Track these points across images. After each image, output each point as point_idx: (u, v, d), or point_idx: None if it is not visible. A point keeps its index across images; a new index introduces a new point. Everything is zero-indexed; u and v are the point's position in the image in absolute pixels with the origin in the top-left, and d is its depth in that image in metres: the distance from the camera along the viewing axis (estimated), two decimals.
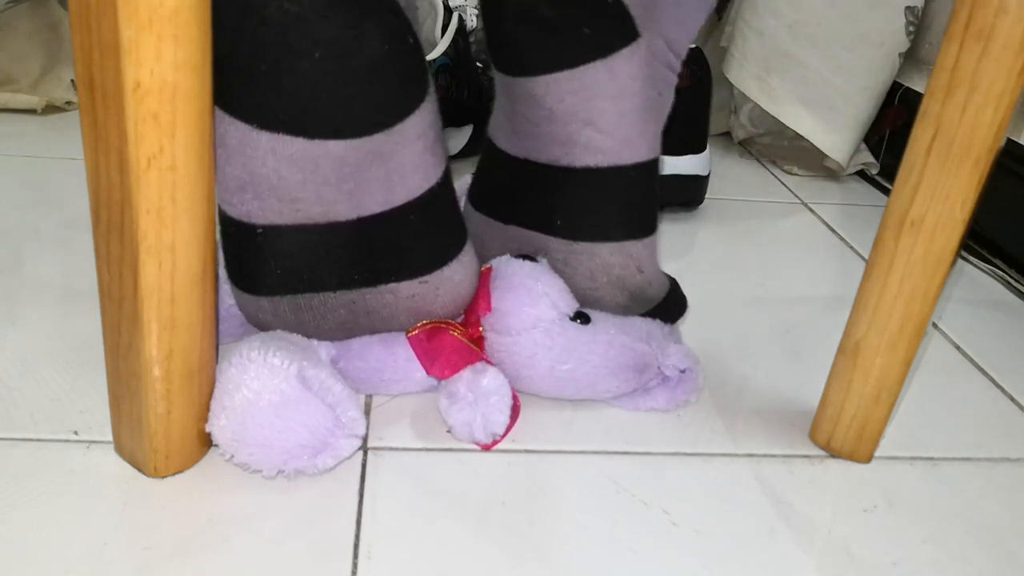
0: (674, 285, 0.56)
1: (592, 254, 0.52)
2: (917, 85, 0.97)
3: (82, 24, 0.34)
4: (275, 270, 0.46)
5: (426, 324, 0.49)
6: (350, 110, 0.42)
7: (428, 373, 0.48)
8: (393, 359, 0.49)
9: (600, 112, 0.49)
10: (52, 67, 0.94)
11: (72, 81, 0.95)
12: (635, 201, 0.52)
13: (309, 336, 0.48)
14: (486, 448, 0.47)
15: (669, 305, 0.55)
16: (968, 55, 0.40)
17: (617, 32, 0.49)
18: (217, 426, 0.42)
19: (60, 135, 0.87)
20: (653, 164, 0.52)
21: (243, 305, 0.48)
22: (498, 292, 0.49)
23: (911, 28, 0.90)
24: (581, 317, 0.50)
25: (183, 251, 0.38)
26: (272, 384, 0.42)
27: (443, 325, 0.49)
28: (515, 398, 0.49)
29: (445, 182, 0.48)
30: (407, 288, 0.47)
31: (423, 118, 0.45)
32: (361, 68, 0.42)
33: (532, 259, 0.51)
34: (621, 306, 0.53)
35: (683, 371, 0.51)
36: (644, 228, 0.52)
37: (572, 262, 0.52)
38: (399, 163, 0.45)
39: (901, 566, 0.42)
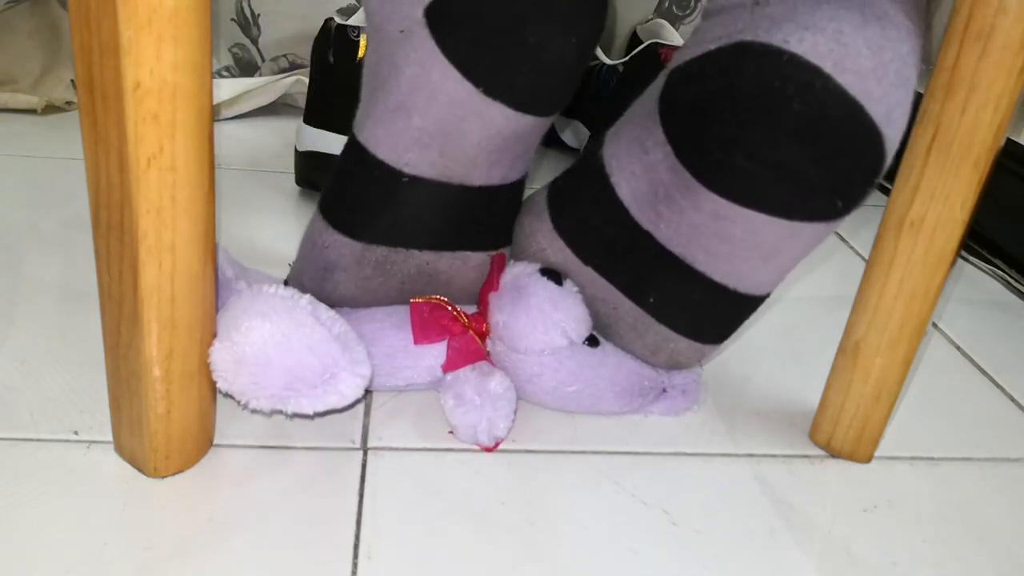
0: None
1: (668, 339, 0.49)
2: (917, 85, 0.97)
3: (82, 24, 0.34)
4: (392, 219, 0.48)
5: (432, 298, 0.49)
6: (559, 93, 0.45)
7: (416, 342, 0.48)
8: (404, 345, 0.49)
9: (779, 255, 0.45)
10: (52, 67, 0.94)
11: (72, 81, 0.95)
12: (744, 320, 0.49)
13: (359, 297, 0.50)
14: (488, 450, 0.47)
15: None
16: (968, 55, 0.40)
17: (860, 201, 0.42)
18: (217, 350, 0.41)
19: (60, 135, 0.87)
20: (769, 294, 0.49)
21: (328, 245, 0.49)
22: (514, 307, 0.48)
23: None
24: (590, 339, 0.49)
25: (183, 251, 0.38)
26: (281, 309, 0.42)
27: (448, 306, 0.49)
28: None
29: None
30: (476, 258, 0.50)
31: None
32: (585, 59, 0.44)
33: (557, 277, 0.49)
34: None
35: (685, 385, 0.52)
36: (726, 336, 0.50)
37: (641, 330, 0.50)
38: (528, 145, 0.48)
39: (901, 566, 0.42)
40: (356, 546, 0.40)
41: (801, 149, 0.40)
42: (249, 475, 0.43)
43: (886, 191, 0.52)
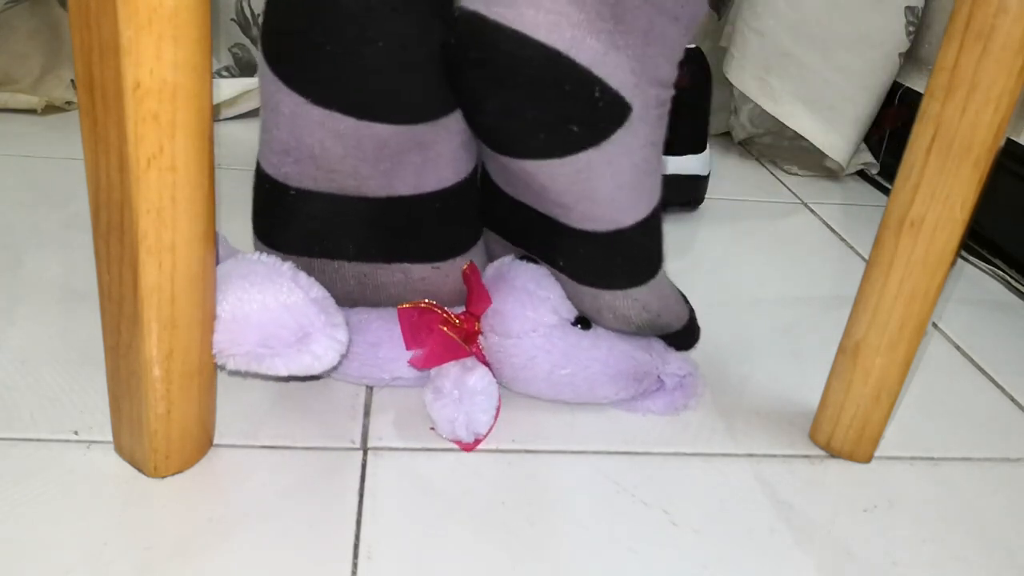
0: (691, 316, 0.55)
1: (596, 296, 0.49)
2: (917, 85, 0.97)
3: (82, 24, 0.34)
4: (299, 230, 0.48)
5: (421, 303, 0.49)
6: (402, 99, 0.44)
7: (407, 348, 0.48)
8: (390, 335, 0.49)
9: (595, 189, 0.45)
10: (52, 67, 0.94)
11: (72, 81, 0.95)
12: (637, 255, 0.49)
13: None
14: (466, 448, 0.47)
15: (683, 336, 0.54)
16: (968, 55, 0.40)
17: (609, 118, 0.43)
18: None
19: (60, 135, 0.87)
20: (653, 217, 0.49)
21: (260, 252, 0.49)
22: (500, 294, 0.48)
23: (911, 28, 0.90)
24: (582, 322, 0.50)
25: (183, 251, 0.38)
26: (262, 272, 0.42)
27: (437, 310, 0.49)
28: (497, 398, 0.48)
29: (472, 179, 0.50)
30: (419, 270, 0.49)
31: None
32: (419, 62, 0.43)
33: (534, 261, 0.50)
34: (630, 332, 0.52)
35: (682, 378, 0.52)
36: (648, 273, 0.50)
37: (577, 296, 0.50)
38: (436, 153, 0.47)
39: (901, 566, 0.42)
40: (356, 546, 0.40)
41: (506, 91, 0.42)
42: (249, 475, 0.43)
43: (886, 191, 0.52)
